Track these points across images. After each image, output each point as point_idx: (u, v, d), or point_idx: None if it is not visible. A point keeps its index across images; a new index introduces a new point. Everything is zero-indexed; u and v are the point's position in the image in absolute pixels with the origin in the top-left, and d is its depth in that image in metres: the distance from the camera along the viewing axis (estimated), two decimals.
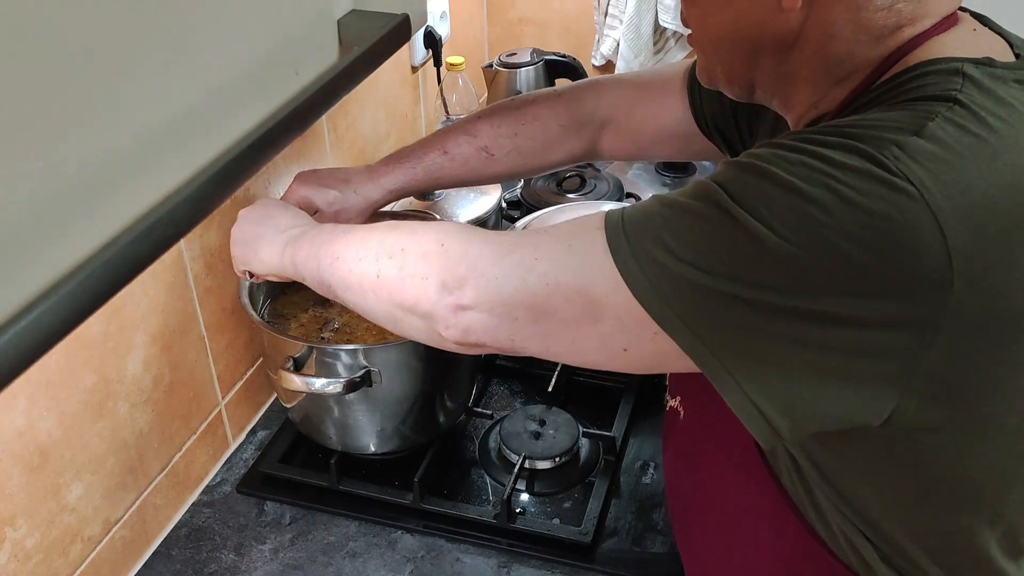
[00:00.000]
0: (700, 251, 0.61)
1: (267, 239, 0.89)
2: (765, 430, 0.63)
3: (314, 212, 1.03)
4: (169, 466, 1.08)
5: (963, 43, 0.67)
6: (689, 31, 0.78)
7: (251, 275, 0.95)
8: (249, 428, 1.23)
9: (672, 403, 0.91)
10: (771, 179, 0.60)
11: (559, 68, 1.77)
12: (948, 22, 0.68)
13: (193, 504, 1.12)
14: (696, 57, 0.82)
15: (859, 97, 0.69)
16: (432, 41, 1.59)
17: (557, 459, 1.12)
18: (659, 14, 1.73)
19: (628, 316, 0.64)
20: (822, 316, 0.59)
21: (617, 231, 0.64)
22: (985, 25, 0.71)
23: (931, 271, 0.58)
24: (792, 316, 0.59)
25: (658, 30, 1.78)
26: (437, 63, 1.61)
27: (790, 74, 0.72)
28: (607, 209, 0.67)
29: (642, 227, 0.64)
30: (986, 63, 0.65)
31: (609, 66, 1.85)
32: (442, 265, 0.71)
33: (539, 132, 1.06)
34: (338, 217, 1.03)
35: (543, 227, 0.71)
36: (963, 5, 0.71)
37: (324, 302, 1.17)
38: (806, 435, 0.66)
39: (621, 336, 0.65)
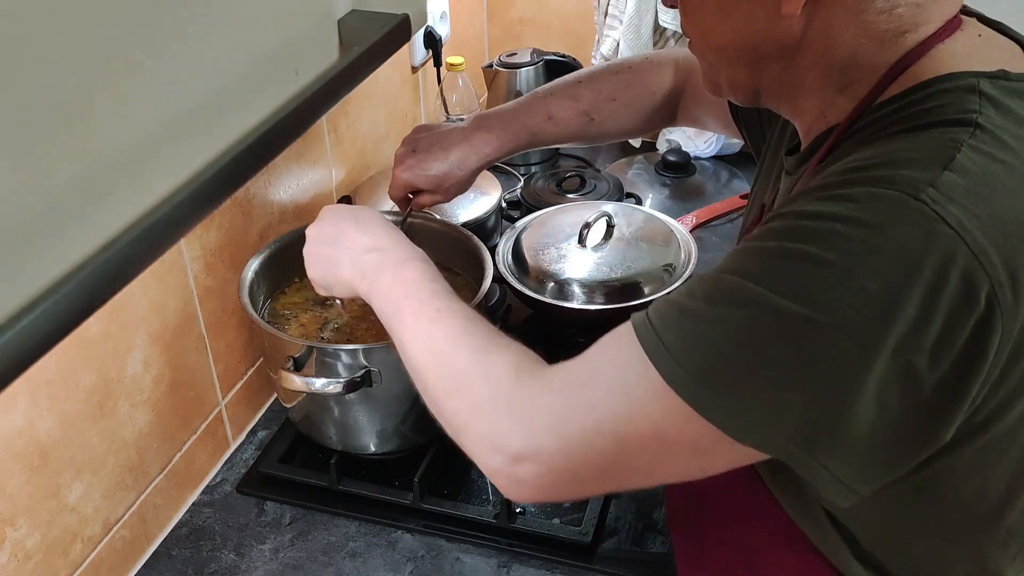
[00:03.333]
0: (769, 363, 0.59)
1: (344, 264, 0.86)
2: (845, 493, 0.62)
3: (419, 192, 1.06)
4: (169, 466, 1.08)
5: (972, 51, 0.66)
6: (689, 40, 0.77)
7: (337, 300, 0.95)
8: (249, 428, 1.23)
9: None
10: (811, 261, 0.58)
11: (559, 68, 1.77)
12: (951, 26, 0.67)
13: (193, 504, 1.12)
14: None
15: (869, 111, 0.68)
16: (432, 41, 1.59)
17: None
18: (659, 14, 1.73)
19: (704, 439, 0.62)
20: (893, 377, 0.58)
21: (672, 367, 0.61)
22: (992, 27, 0.70)
23: (981, 308, 0.58)
24: (870, 388, 0.59)
25: (658, 30, 1.78)
26: (437, 63, 1.61)
27: (794, 81, 0.71)
28: (637, 333, 0.64)
29: (696, 358, 0.61)
30: (1000, 76, 0.64)
31: None
32: (496, 430, 0.68)
33: (635, 96, 1.09)
34: (444, 190, 1.05)
35: (584, 369, 0.67)
36: (965, 6, 0.70)
37: (324, 302, 1.17)
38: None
39: (698, 459, 0.64)
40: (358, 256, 0.86)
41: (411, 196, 1.10)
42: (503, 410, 0.68)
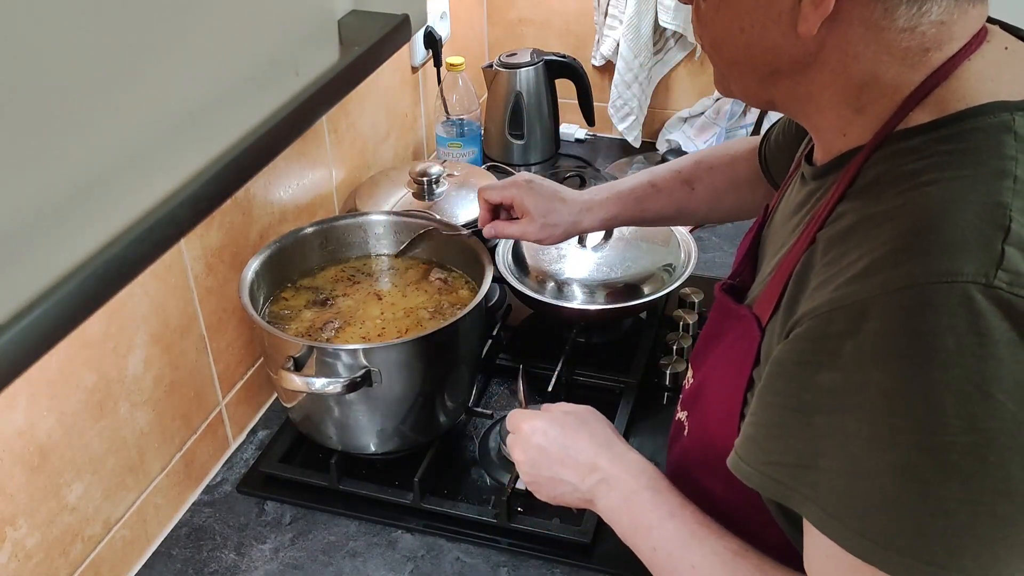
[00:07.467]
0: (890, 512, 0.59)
1: (569, 486, 0.86)
2: None
3: (521, 215, 1.09)
4: (169, 466, 1.08)
5: (999, 69, 0.65)
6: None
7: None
8: (249, 428, 1.23)
9: (680, 415, 0.90)
10: (931, 382, 0.57)
11: (559, 68, 1.78)
12: (977, 40, 0.65)
13: (193, 504, 1.12)
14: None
15: (893, 137, 0.66)
16: (432, 41, 1.59)
17: None
18: (659, 14, 1.73)
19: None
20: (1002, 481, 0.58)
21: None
22: (1014, 34, 0.69)
23: None
24: (978, 503, 0.58)
25: (658, 30, 1.78)
26: (437, 63, 1.61)
27: (810, 95, 0.70)
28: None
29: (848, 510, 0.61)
30: None
31: (609, 66, 1.86)
32: None
33: (728, 170, 1.12)
34: (543, 228, 1.09)
35: None
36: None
37: (324, 302, 1.17)
38: None
39: None
40: (585, 476, 0.85)
41: (494, 213, 1.12)
42: None
